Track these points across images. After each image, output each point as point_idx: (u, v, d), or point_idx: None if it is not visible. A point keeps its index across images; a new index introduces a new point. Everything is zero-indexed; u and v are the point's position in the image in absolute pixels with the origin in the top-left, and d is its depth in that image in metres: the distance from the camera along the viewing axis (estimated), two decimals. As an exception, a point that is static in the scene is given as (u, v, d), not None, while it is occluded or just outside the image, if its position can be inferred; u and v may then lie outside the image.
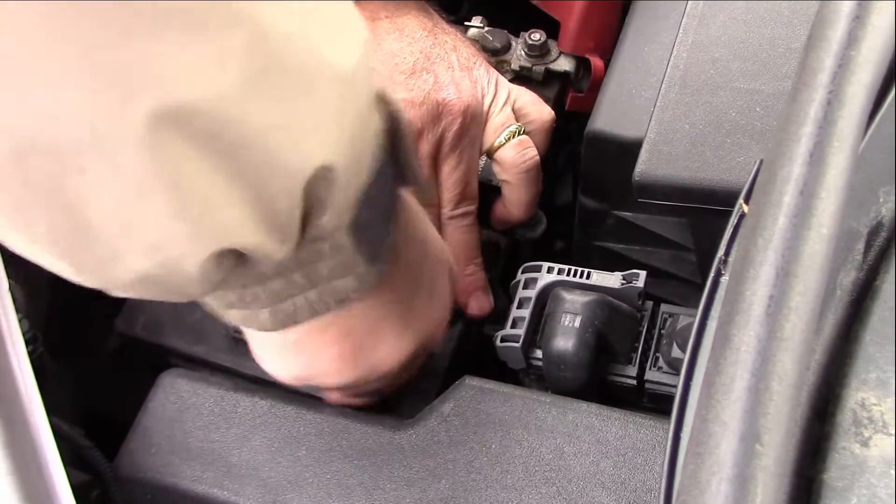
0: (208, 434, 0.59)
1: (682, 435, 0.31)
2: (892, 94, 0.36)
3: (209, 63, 0.33)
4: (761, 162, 0.33)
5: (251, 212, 0.37)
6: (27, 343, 0.58)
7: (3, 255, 0.58)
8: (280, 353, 0.54)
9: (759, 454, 0.27)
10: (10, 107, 0.31)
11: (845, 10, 0.33)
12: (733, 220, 0.35)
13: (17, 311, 0.57)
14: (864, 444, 0.30)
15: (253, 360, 0.66)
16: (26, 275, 0.68)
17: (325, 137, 0.38)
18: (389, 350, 0.55)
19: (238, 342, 0.67)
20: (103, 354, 0.78)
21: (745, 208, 0.33)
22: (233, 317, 0.46)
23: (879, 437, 0.30)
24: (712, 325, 0.33)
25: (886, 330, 0.32)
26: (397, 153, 0.46)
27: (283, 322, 0.45)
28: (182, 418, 0.60)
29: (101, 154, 0.33)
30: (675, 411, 0.32)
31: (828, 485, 0.30)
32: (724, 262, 0.34)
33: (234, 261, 0.40)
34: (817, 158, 0.30)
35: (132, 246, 0.36)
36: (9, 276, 0.58)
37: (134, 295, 0.41)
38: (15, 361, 0.53)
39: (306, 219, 0.41)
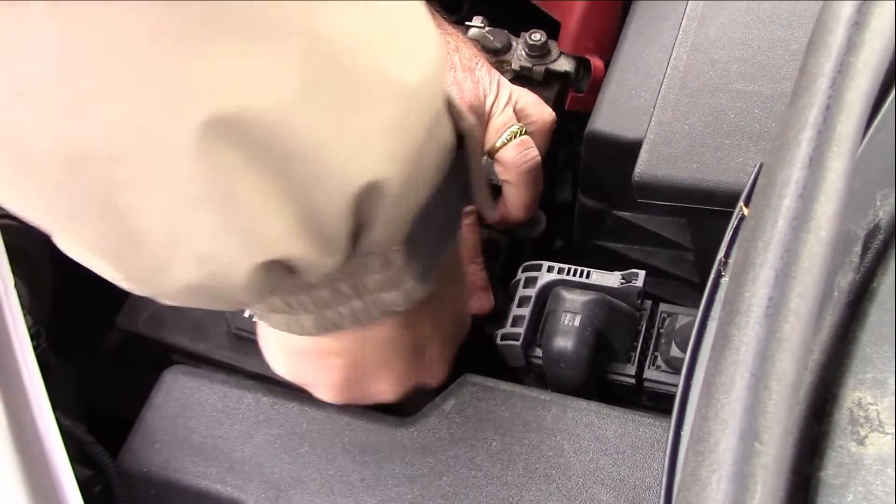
0: (211, 430, 0.59)
1: (682, 433, 0.31)
2: (891, 98, 0.37)
3: (265, 71, 0.32)
4: (761, 165, 0.34)
5: (299, 224, 0.37)
6: (31, 339, 0.58)
7: (7, 253, 0.58)
8: (286, 356, 0.55)
9: (759, 452, 0.27)
10: (66, 114, 0.31)
11: (845, 15, 0.34)
12: (733, 222, 0.35)
13: (22, 307, 0.57)
14: (861, 442, 0.30)
15: (254, 357, 0.66)
16: (30, 272, 0.69)
17: (378, 152, 0.37)
18: (386, 389, 0.57)
19: (240, 339, 0.67)
20: (105, 350, 0.79)
21: (745, 211, 0.34)
22: (276, 321, 0.46)
23: (875, 435, 0.30)
24: (712, 326, 0.33)
25: (883, 331, 0.32)
26: (464, 170, 0.45)
27: (326, 328, 0.46)
28: (185, 415, 0.60)
29: (154, 164, 0.32)
30: (676, 410, 0.33)
31: (825, 482, 0.30)
32: (725, 263, 0.34)
33: (283, 271, 0.40)
34: (816, 162, 0.31)
35: (181, 257, 0.36)
36: (13, 274, 0.58)
37: (183, 303, 0.40)
38: (21, 358, 0.54)
39: (357, 232, 0.40)
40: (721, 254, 0.35)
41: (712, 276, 0.35)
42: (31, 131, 0.32)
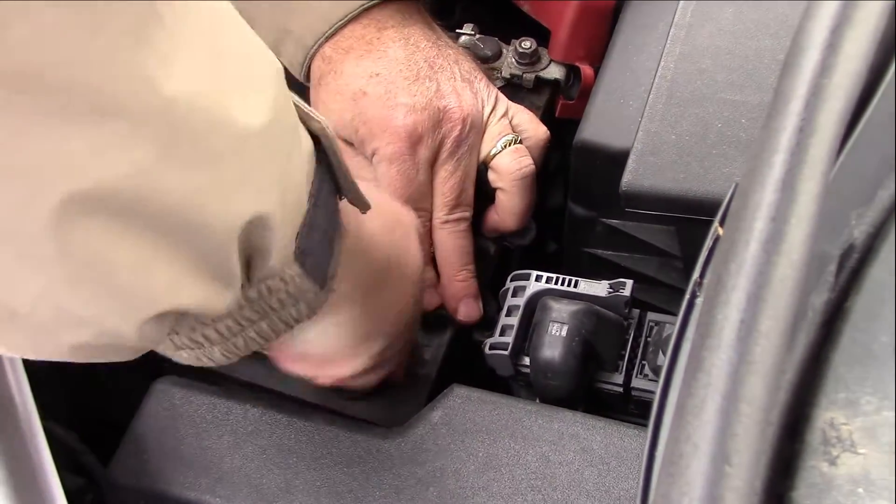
0: (201, 441, 0.60)
1: (656, 454, 0.32)
2: (865, 118, 0.37)
3: (118, 147, 0.32)
4: (736, 186, 0.34)
5: (186, 271, 0.37)
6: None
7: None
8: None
9: (729, 475, 0.28)
10: None
11: (819, 38, 0.34)
12: (708, 242, 0.36)
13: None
14: (833, 462, 0.31)
15: (245, 365, 0.67)
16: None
17: (250, 190, 0.38)
18: (345, 365, 0.57)
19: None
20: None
21: (720, 231, 0.34)
22: (184, 358, 0.46)
23: (847, 455, 0.31)
24: (687, 347, 0.34)
25: (856, 351, 0.33)
26: (329, 168, 0.45)
27: (236, 354, 0.45)
28: (175, 425, 0.61)
29: (21, 250, 0.33)
30: (650, 432, 0.33)
31: (796, 502, 0.31)
32: (700, 284, 0.35)
33: (177, 316, 0.39)
34: (789, 185, 0.31)
35: (64, 325, 0.36)
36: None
37: (77, 360, 0.40)
38: (8, 366, 0.54)
39: (250, 264, 0.41)
40: (696, 274, 0.35)
41: (687, 296, 0.35)
42: None
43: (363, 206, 0.49)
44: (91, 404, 0.77)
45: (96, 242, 0.33)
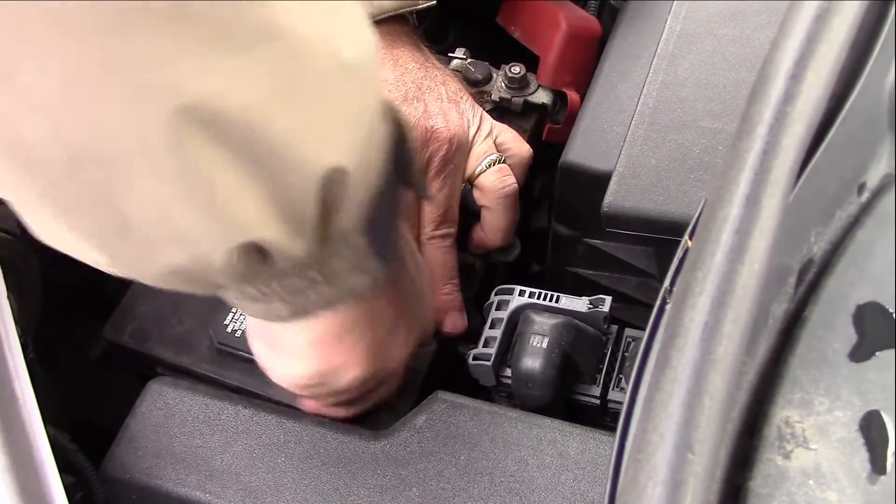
0: (192, 439, 0.62)
1: (626, 444, 0.34)
2: (825, 143, 0.40)
3: (241, 75, 0.36)
4: (706, 202, 0.37)
5: (272, 209, 0.40)
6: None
7: (-1, 265, 0.61)
8: (299, 352, 0.57)
9: (691, 461, 0.30)
10: (70, 123, 0.35)
11: (784, 68, 0.37)
12: (679, 253, 0.38)
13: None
14: (787, 456, 0.34)
15: (235, 370, 0.69)
16: (19, 283, 0.71)
17: (339, 140, 0.41)
18: (400, 347, 0.59)
19: (222, 354, 0.70)
20: (90, 361, 0.81)
21: (690, 243, 0.37)
22: (250, 309, 0.49)
23: (800, 450, 0.34)
24: (657, 347, 0.36)
25: (811, 356, 0.36)
26: (401, 157, 0.49)
27: (298, 313, 0.49)
28: (168, 424, 0.62)
29: (145, 161, 0.36)
30: (621, 423, 0.36)
31: (753, 491, 0.33)
32: (670, 291, 0.38)
33: (256, 257, 0.43)
34: (753, 202, 0.34)
35: (167, 242, 0.40)
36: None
37: (164, 285, 0.43)
38: (12, 365, 0.56)
39: (324, 217, 0.44)
40: (667, 282, 0.38)
41: (658, 302, 0.38)
42: (35, 138, 0.35)
43: (425, 194, 0.53)
44: (81, 406, 0.78)
45: (207, 164, 0.37)
